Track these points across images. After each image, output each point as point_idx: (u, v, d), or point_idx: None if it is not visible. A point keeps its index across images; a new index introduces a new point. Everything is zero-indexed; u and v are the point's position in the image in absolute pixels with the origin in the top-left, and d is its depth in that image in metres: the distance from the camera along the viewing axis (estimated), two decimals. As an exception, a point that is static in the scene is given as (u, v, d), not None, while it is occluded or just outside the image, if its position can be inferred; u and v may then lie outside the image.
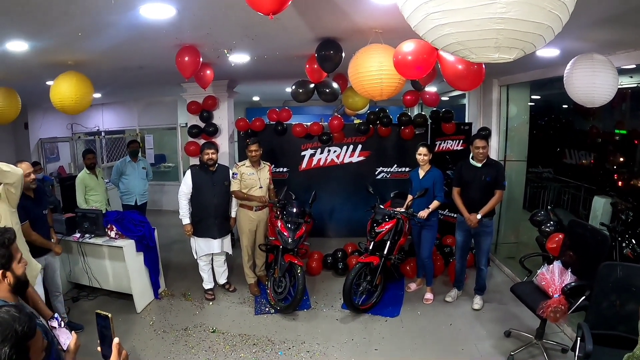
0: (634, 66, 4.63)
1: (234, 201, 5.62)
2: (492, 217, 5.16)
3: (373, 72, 3.45)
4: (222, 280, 5.83)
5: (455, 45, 1.51)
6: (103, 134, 11.49)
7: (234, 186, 5.44)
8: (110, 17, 3.18)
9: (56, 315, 2.30)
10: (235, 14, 3.19)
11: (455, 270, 5.63)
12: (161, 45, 4.17)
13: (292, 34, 3.93)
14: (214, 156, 5.34)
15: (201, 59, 4.38)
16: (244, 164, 5.54)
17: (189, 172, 5.41)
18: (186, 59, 4.24)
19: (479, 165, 5.06)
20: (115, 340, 1.71)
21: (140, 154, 7.28)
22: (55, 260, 4.59)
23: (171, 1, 2.93)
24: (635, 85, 6.49)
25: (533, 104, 7.79)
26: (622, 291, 3.31)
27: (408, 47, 3.06)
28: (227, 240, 5.66)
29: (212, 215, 5.40)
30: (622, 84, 6.04)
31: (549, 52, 4.59)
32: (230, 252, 5.75)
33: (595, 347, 3.04)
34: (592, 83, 3.67)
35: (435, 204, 5.26)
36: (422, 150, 5.34)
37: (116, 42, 3.96)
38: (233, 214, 5.67)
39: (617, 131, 8.32)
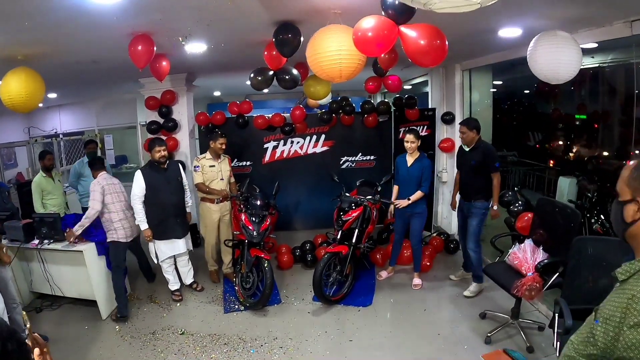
0: (595, 45, 4.69)
1: (188, 195, 5.48)
2: (484, 200, 5.09)
3: (332, 53, 3.31)
4: (188, 280, 5.63)
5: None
6: (61, 136, 11.12)
7: (197, 178, 5.35)
8: (54, 2, 3.01)
9: None
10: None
11: (462, 253, 5.63)
12: (113, 34, 3.97)
13: (248, 18, 3.80)
14: (165, 153, 5.14)
15: (155, 48, 4.20)
16: (205, 157, 5.46)
17: (139, 174, 5.12)
18: (139, 47, 4.06)
19: (467, 149, 5.12)
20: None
21: (102, 154, 7.05)
22: (6, 270, 4.30)
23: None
24: (597, 65, 6.57)
25: (495, 90, 7.87)
26: (597, 266, 3.29)
27: (368, 23, 2.93)
28: (188, 236, 5.51)
29: (173, 214, 5.20)
30: (584, 64, 6.15)
31: (511, 32, 4.56)
32: (191, 248, 5.58)
33: (574, 321, 3.01)
34: (556, 59, 3.66)
35: (418, 194, 5.18)
36: (409, 137, 5.21)
37: (65, 31, 3.78)
38: (188, 209, 5.51)
39: (577, 116, 8.50)
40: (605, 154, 7.56)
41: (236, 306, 5.19)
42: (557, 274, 3.72)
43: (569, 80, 3.85)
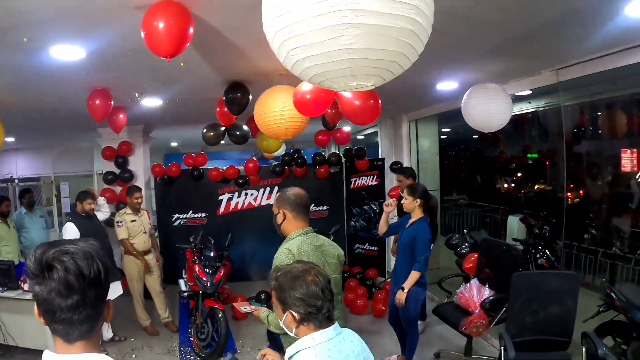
0: (529, 92, 5.05)
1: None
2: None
3: (277, 112, 3.53)
4: (110, 333, 5.49)
5: (317, 77, 1.59)
6: (17, 181, 10.87)
7: (122, 234, 5.42)
8: (20, 57, 3.14)
9: None
10: (142, 57, 3.16)
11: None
12: (73, 87, 4.10)
13: (200, 78, 4.00)
14: (93, 205, 5.28)
15: (112, 102, 4.32)
16: (125, 212, 5.57)
17: (72, 225, 5.12)
18: (97, 102, 4.18)
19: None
20: None
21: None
22: None
23: (81, 43, 2.94)
24: (533, 109, 7.03)
25: (444, 137, 8.22)
26: (538, 297, 3.48)
27: (306, 86, 3.16)
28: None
29: (110, 258, 5.30)
30: (522, 109, 6.60)
31: (448, 86, 4.88)
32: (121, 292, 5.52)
33: (524, 353, 3.20)
34: (487, 110, 3.93)
35: (411, 278, 4.00)
36: (404, 192, 4.27)
37: (27, 83, 3.90)
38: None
39: (529, 155, 8.95)
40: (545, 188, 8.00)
41: (192, 357, 5.13)
42: (504, 309, 3.89)
43: (501, 128, 4.14)
